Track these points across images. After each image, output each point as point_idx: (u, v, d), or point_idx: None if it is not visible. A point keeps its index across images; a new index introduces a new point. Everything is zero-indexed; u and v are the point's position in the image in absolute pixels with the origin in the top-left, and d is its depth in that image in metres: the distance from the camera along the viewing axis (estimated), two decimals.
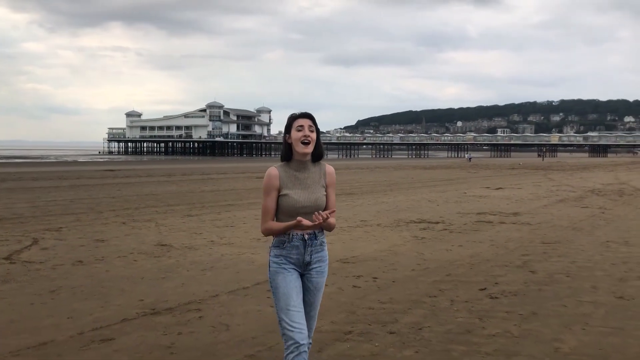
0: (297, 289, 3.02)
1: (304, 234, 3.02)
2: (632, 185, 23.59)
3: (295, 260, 3.03)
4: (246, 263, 7.47)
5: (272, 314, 5.10)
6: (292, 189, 3.01)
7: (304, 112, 3.10)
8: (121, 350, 4.19)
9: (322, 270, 3.13)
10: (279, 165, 3.09)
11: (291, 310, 2.95)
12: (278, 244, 3.05)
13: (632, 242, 9.03)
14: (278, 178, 3.02)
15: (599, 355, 4.07)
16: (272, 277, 3.05)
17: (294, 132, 3.03)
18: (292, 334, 2.91)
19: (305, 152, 3.02)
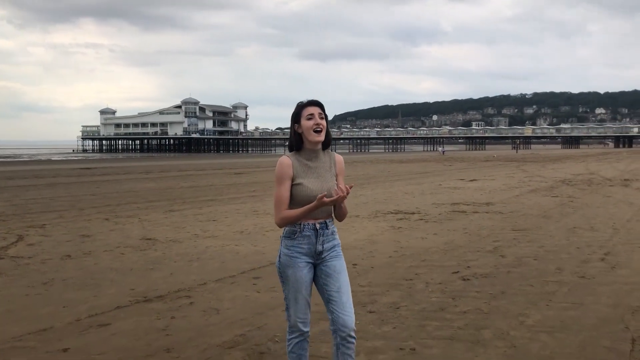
0: (306, 283, 3.01)
1: (316, 223, 2.99)
2: (600, 175, 24.37)
3: (307, 251, 3.00)
4: (231, 254, 7.75)
5: (259, 298, 5.43)
6: (305, 178, 2.98)
7: (312, 99, 3.06)
8: (119, 334, 4.45)
9: (338, 254, 3.08)
10: (290, 155, 3.05)
11: (299, 303, 3.01)
12: (289, 234, 3.00)
13: (597, 228, 9.53)
14: (292, 167, 2.98)
15: (559, 326, 4.47)
16: (282, 269, 3.03)
17: (304, 121, 2.99)
18: (298, 324, 3.03)
19: (317, 140, 2.99)
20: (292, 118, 3.06)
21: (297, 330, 3.05)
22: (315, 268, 3.05)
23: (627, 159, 44.85)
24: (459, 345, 4.05)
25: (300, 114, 3.01)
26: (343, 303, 2.98)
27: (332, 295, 2.99)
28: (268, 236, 9.19)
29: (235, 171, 31.98)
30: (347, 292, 3.03)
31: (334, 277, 3.02)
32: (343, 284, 3.03)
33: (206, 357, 3.93)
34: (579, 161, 41.74)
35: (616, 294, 5.40)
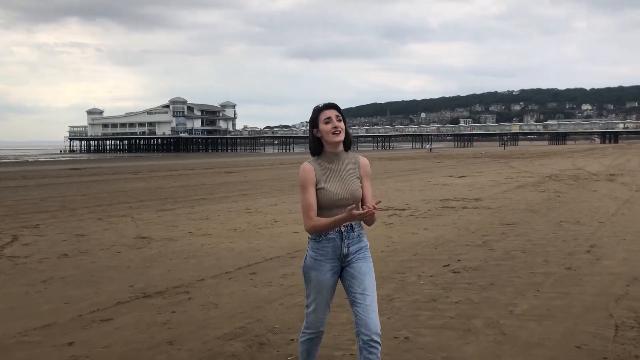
0: (327, 287, 3.03)
1: (341, 227, 2.98)
2: (587, 171, 24.74)
3: (332, 254, 2.99)
4: (226, 251, 7.88)
5: (256, 293, 5.57)
6: (327, 182, 2.97)
7: (328, 102, 3.07)
8: (122, 328, 4.58)
9: (364, 256, 3.06)
10: (312, 160, 3.05)
11: (318, 306, 3.05)
12: (315, 237, 3.01)
13: (583, 222, 9.77)
14: (314, 171, 2.98)
15: (546, 315, 4.66)
16: (306, 270, 3.07)
17: (322, 125, 3.00)
18: (315, 323, 3.09)
19: (337, 140, 2.99)
20: (310, 123, 3.06)
21: (314, 328, 3.12)
22: (342, 270, 3.05)
23: (613, 154, 45.46)
24: (450, 334, 4.22)
25: (317, 119, 3.01)
26: (367, 305, 2.94)
27: (357, 297, 2.97)
28: (262, 233, 9.33)
29: (225, 170, 32.03)
30: (371, 294, 2.99)
31: (358, 278, 2.99)
32: (368, 286, 2.99)
33: (208, 349, 4.07)
34: (565, 157, 42.25)
35: (601, 283, 5.61)
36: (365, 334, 2.90)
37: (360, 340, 2.93)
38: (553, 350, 3.89)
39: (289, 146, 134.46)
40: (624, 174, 22.26)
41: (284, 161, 47.41)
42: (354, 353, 3.93)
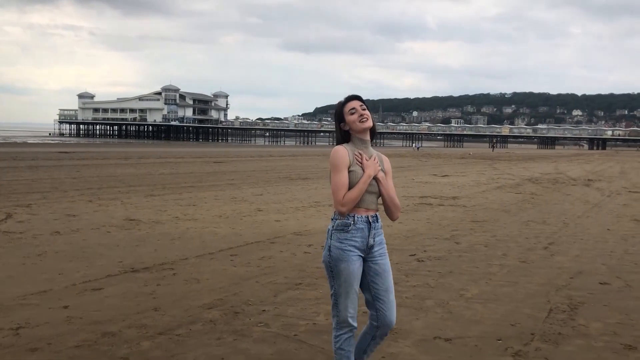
0: (358, 277, 3.02)
1: (369, 215, 3.05)
2: (567, 175, 25.44)
3: (360, 244, 3.00)
4: (210, 235, 8.38)
5: (235, 272, 6.08)
6: (357, 165, 3.01)
7: (350, 95, 3.15)
8: (111, 296, 5.08)
9: (384, 252, 3.13)
10: (344, 145, 3.10)
11: (349, 297, 3.00)
12: (342, 227, 3.00)
13: (549, 222, 10.38)
14: (347, 154, 3.02)
15: (492, 299, 5.22)
16: (333, 263, 3.00)
17: (348, 116, 3.07)
18: (348, 318, 3.03)
19: (365, 127, 3.05)
20: (336, 118, 3.13)
21: (347, 325, 3.05)
22: (365, 262, 3.06)
23: (597, 160, 46.31)
24: (404, 311, 4.76)
25: (342, 112, 3.10)
26: (390, 302, 3.07)
27: (380, 294, 3.05)
28: (245, 220, 9.83)
29: (215, 160, 32.43)
30: (392, 290, 3.11)
31: (383, 276, 3.07)
32: (390, 284, 3.10)
33: (189, 315, 4.59)
34: (550, 161, 43.00)
35: (548, 275, 6.19)
36: (387, 327, 3.08)
37: (377, 330, 3.10)
38: (489, 327, 4.44)
39: (280, 139, 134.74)
40: (602, 179, 22.96)
41: (274, 153, 47.88)
42: (317, 323, 4.47)
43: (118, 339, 4.03)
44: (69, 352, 3.76)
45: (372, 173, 2.99)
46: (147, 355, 3.74)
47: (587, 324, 4.56)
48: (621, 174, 27.39)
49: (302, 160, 36.18)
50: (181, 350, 3.84)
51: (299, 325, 4.40)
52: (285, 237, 8.32)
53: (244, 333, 4.20)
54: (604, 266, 6.70)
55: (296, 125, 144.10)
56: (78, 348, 3.84)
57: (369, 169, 2.98)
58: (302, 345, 3.99)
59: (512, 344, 4.08)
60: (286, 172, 23.71)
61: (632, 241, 8.49)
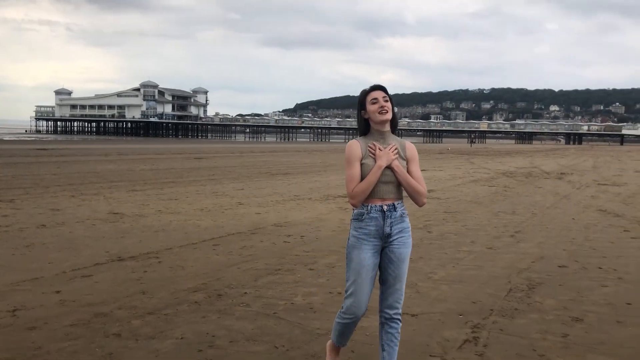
0: (368, 266, 3.02)
1: (383, 205, 3.04)
2: (541, 169, 26.13)
3: (375, 233, 3.03)
4: (193, 227, 8.68)
5: (218, 260, 6.40)
6: (370, 157, 3.04)
7: (375, 84, 3.15)
8: (101, 282, 5.37)
9: (405, 241, 3.10)
10: (358, 138, 3.15)
11: (357, 285, 3.02)
12: (357, 216, 3.07)
13: (518, 212, 10.86)
14: (359, 148, 3.05)
15: (457, 280, 5.63)
16: (349, 250, 3.10)
17: (369, 105, 3.09)
18: (352, 307, 3.05)
19: (384, 119, 3.07)
20: (358, 106, 3.17)
21: (350, 313, 3.08)
22: (382, 250, 3.08)
23: (572, 155, 47.35)
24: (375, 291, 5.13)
25: (364, 100, 3.12)
26: (396, 289, 3.08)
27: (389, 280, 3.08)
28: (226, 213, 10.14)
29: (195, 156, 32.55)
30: (403, 279, 3.11)
31: (396, 264, 3.07)
32: (402, 272, 3.09)
33: (175, 297, 4.91)
34: (527, 156, 43.85)
35: (511, 260, 6.62)
36: (387, 312, 3.10)
37: (382, 317, 3.13)
38: (453, 304, 4.84)
39: (260, 135, 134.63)
40: (574, 173, 23.66)
41: (255, 149, 48.06)
42: (295, 303, 4.83)
43: (110, 318, 4.33)
44: (64, 330, 4.06)
45: (383, 164, 2.98)
46: (137, 332, 4.06)
47: (542, 300, 4.99)
48: (593, 168, 28.17)
49: (283, 156, 36.46)
50: (169, 327, 4.17)
51: (278, 305, 4.74)
52: (265, 228, 8.65)
53: (226, 312, 4.54)
54: (565, 251, 7.16)
55: (277, 121, 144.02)
56: (73, 326, 4.14)
57: (380, 159, 2.99)
58: (280, 322, 4.33)
59: (472, 318, 4.48)
60: (267, 167, 24.00)
61: (593, 229, 8.99)
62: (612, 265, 6.39)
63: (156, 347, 3.78)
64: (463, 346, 3.89)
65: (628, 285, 5.58)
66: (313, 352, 3.76)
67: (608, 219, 10.19)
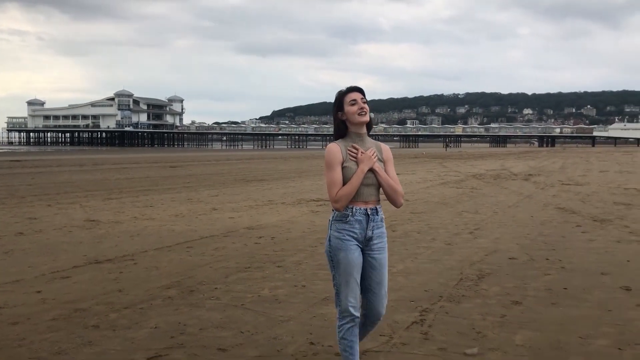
0: (357, 266, 3.05)
1: (367, 208, 3.07)
2: (510, 171, 26.88)
3: (358, 235, 3.05)
4: (167, 232, 9.00)
5: (191, 260, 6.76)
6: (351, 161, 3.06)
7: (352, 86, 3.17)
8: (79, 282, 5.70)
9: (383, 247, 3.15)
10: (337, 142, 3.15)
11: (350, 286, 3.03)
12: (340, 218, 3.06)
13: (481, 212, 11.40)
14: (340, 151, 3.07)
15: (414, 272, 6.08)
16: (333, 253, 3.07)
17: (348, 107, 3.10)
18: (349, 308, 3.04)
19: (363, 121, 3.08)
20: (335, 106, 3.17)
21: (349, 315, 3.07)
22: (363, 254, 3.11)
23: (543, 157, 48.46)
24: None
25: (342, 101, 3.13)
26: (381, 296, 3.14)
27: (373, 286, 3.12)
28: (200, 219, 10.47)
29: (171, 165, 32.69)
30: (385, 284, 3.18)
31: (378, 270, 3.12)
32: (384, 277, 3.15)
33: (150, 294, 5.26)
34: (499, 159, 44.78)
35: (467, 254, 7.10)
36: (376, 317, 3.20)
37: (365, 320, 3.22)
38: (407, 293, 5.29)
39: (237, 143, 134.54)
40: (541, 174, 24.42)
41: (231, 157, 48.24)
42: (262, 295, 5.22)
43: (88, 313, 4.68)
44: (46, 324, 4.39)
45: (365, 168, 3.02)
46: (114, 323, 4.41)
47: (488, 288, 5.46)
48: (561, 169, 29.04)
49: (259, 163, 36.78)
50: (144, 319, 4.52)
51: (246, 298, 5.13)
52: (238, 231, 9.02)
53: (198, 305, 4.91)
54: (517, 245, 7.68)
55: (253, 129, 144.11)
56: (54, 320, 4.47)
57: (362, 163, 3.02)
58: (247, 312, 4.72)
59: (422, 303, 4.93)
60: (242, 174, 24.31)
61: (548, 225, 9.55)
62: (558, 257, 6.91)
63: (132, 336, 4.14)
64: (410, 327, 4.33)
65: (569, 273, 6.09)
66: (275, 334, 4.16)
67: (564, 215, 10.78)
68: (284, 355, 3.77)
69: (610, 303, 4.95)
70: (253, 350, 3.86)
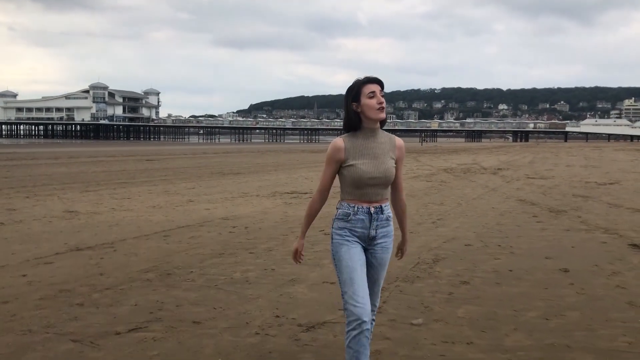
0: (361, 261, 2.91)
1: (370, 207, 2.93)
2: (481, 165, 27.65)
3: (360, 234, 2.94)
4: (145, 222, 9.37)
5: (168, 248, 7.16)
6: (359, 159, 2.88)
7: (371, 76, 2.96)
8: (62, 267, 6.07)
9: (387, 246, 3.03)
10: (346, 136, 2.95)
11: (355, 283, 2.84)
12: (342, 216, 2.97)
13: (445, 203, 11.98)
14: (343, 150, 2.89)
15: None
16: (335, 249, 2.96)
17: (366, 99, 2.88)
18: (355, 309, 2.80)
19: (381, 117, 2.90)
20: (350, 96, 2.95)
21: (355, 319, 2.80)
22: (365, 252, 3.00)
23: (515, 152, 49.52)
24: (305, 267, 6.02)
25: (360, 92, 2.92)
26: (374, 292, 3.03)
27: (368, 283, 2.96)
28: (177, 210, 10.85)
29: (147, 158, 32.79)
30: (380, 283, 3.09)
31: (377, 269, 3.01)
32: (381, 275, 3.06)
33: (129, 277, 5.67)
34: (472, 153, 45.68)
35: (427, 241, 7.64)
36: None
37: None
38: None
39: (214, 136, 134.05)
40: (510, 168, 25.22)
41: (208, 151, 48.36)
42: (234, 277, 5.66)
43: (73, 293, 5.07)
44: (34, 302, 4.78)
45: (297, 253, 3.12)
46: (97, 302, 4.82)
47: (441, 270, 5.99)
48: (530, 163, 29.93)
49: (236, 157, 37.07)
50: (124, 298, 4.94)
51: (219, 279, 5.58)
52: (213, 221, 9.43)
53: (174, 286, 5.34)
54: (474, 234, 8.25)
55: (231, 122, 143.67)
56: (41, 300, 4.86)
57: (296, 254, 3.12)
58: (220, 291, 5.17)
59: None
60: (219, 168, 24.64)
61: (507, 216, 10.16)
62: (510, 243, 7.49)
63: (114, 312, 4.56)
64: None
65: (517, 257, 6.66)
66: (245, 310, 4.62)
67: (524, 207, 11.42)
68: (252, 326, 4.23)
69: (548, 282, 5.52)
70: (224, 323, 4.32)
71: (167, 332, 4.11)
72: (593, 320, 4.39)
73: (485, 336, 4.06)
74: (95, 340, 3.93)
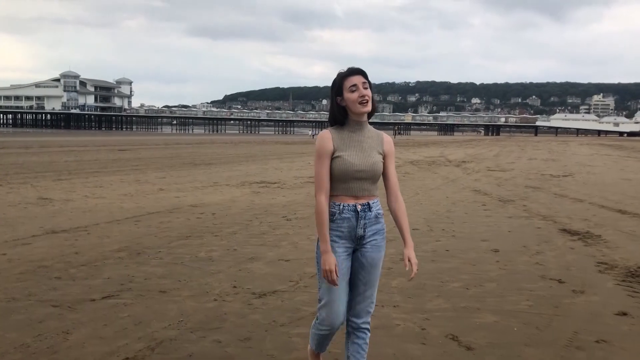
0: (341, 270, 2.76)
1: (357, 204, 2.81)
2: (447, 158, 28.56)
3: (347, 235, 2.80)
4: (117, 208, 9.87)
5: (138, 232, 7.71)
6: (346, 150, 2.78)
7: (354, 67, 2.84)
8: (39, 247, 6.58)
9: (379, 244, 2.89)
10: (332, 128, 2.87)
11: (333, 296, 2.78)
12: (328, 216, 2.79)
13: (404, 193, 12.62)
14: (331, 140, 2.79)
15: None
16: (319, 254, 2.79)
17: (348, 93, 2.79)
18: (330, 319, 2.80)
19: (364, 111, 2.79)
20: (333, 90, 2.86)
21: (327, 324, 2.84)
22: (353, 252, 2.87)
23: (484, 145, 50.83)
24: (265, 248, 6.65)
25: (342, 86, 2.82)
26: (366, 297, 2.88)
27: (358, 286, 2.86)
28: (148, 197, 11.36)
29: (119, 148, 32.94)
30: (375, 286, 2.91)
31: (367, 269, 2.86)
32: (374, 278, 2.89)
33: (103, 255, 6.22)
34: (442, 146, 46.74)
35: None
36: (355, 321, 2.89)
37: (348, 326, 2.92)
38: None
39: (188, 127, 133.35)
40: (474, 161, 26.18)
41: (181, 141, 48.51)
42: (198, 256, 6.26)
43: (50, 269, 5.61)
44: (16, 276, 5.31)
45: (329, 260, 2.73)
46: (74, 276, 5.37)
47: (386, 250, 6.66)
48: (495, 156, 30.98)
49: (209, 147, 37.41)
50: (98, 272, 5.51)
51: (185, 258, 6.17)
52: (182, 208, 9.98)
53: (144, 263, 5.92)
54: (423, 219, 8.97)
55: (204, 113, 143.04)
56: (22, 274, 5.39)
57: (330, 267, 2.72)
58: (185, 267, 5.77)
59: None
60: (191, 158, 25.04)
61: (459, 204, 10.93)
62: (454, 228, 8.23)
63: (89, 284, 5.13)
64: (314, 276, 5.46)
65: (456, 240, 7.40)
66: (206, 282, 5.23)
67: (476, 197, 12.22)
68: (211, 295, 4.85)
69: (477, 260, 6.25)
70: (187, 292, 4.92)
71: (137, 299, 4.70)
72: (506, 290, 5.12)
73: (410, 301, 4.76)
74: (73, 305, 4.50)
